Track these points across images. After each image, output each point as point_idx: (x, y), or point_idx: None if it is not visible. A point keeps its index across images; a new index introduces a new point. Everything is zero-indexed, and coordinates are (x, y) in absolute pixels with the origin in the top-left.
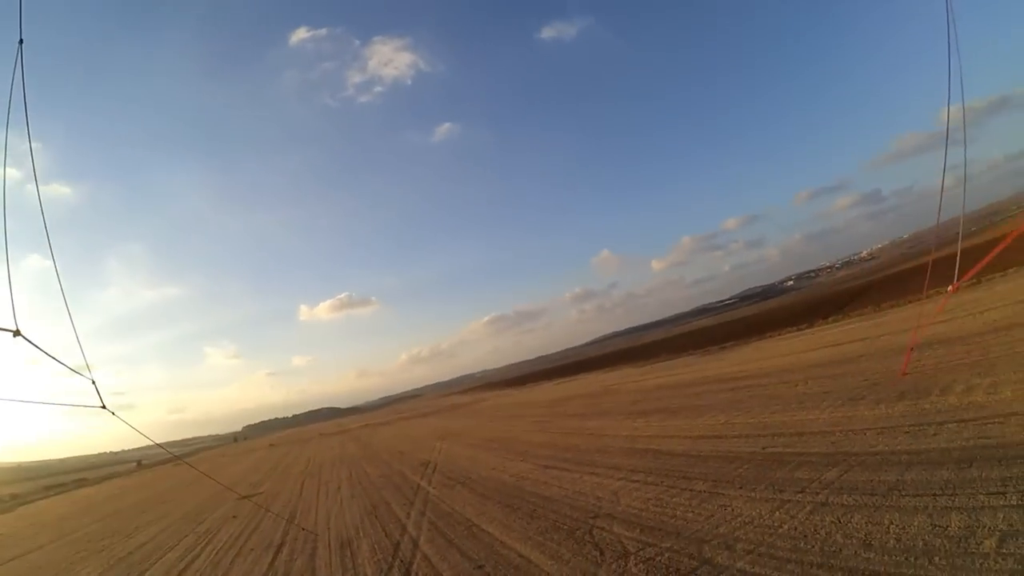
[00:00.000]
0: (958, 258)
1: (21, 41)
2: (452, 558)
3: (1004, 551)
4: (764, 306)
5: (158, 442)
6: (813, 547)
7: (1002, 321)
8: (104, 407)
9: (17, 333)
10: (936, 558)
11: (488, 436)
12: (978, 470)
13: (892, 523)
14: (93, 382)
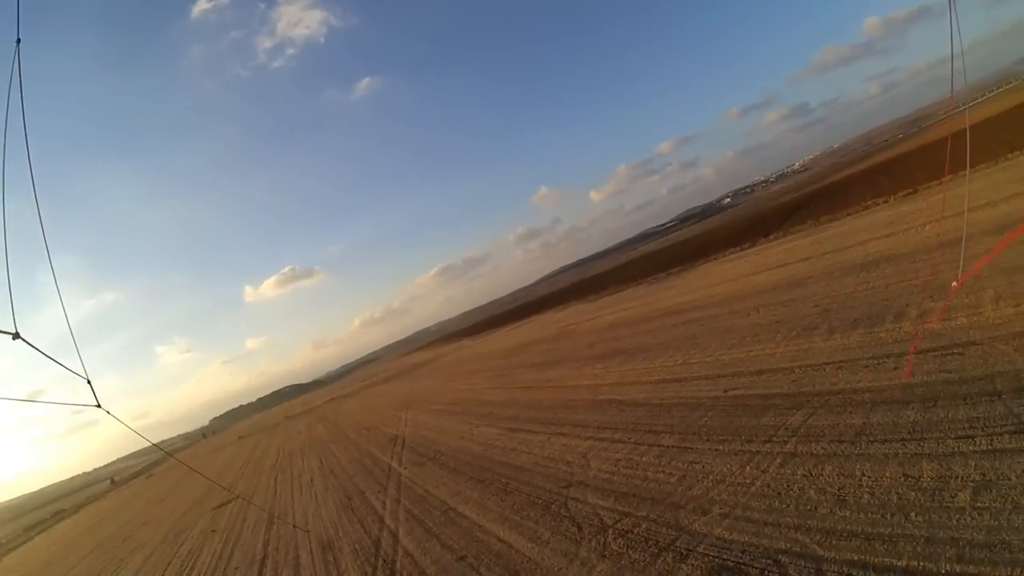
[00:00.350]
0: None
1: (19, 41)
2: (433, 551)
3: (979, 504)
4: (705, 226)
5: (154, 443)
6: (788, 506)
7: (947, 235)
8: (99, 405)
9: (16, 336)
10: (912, 514)
11: (450, 399)
12: (943, 410)
13: (864, 474)
14: (88, 382)
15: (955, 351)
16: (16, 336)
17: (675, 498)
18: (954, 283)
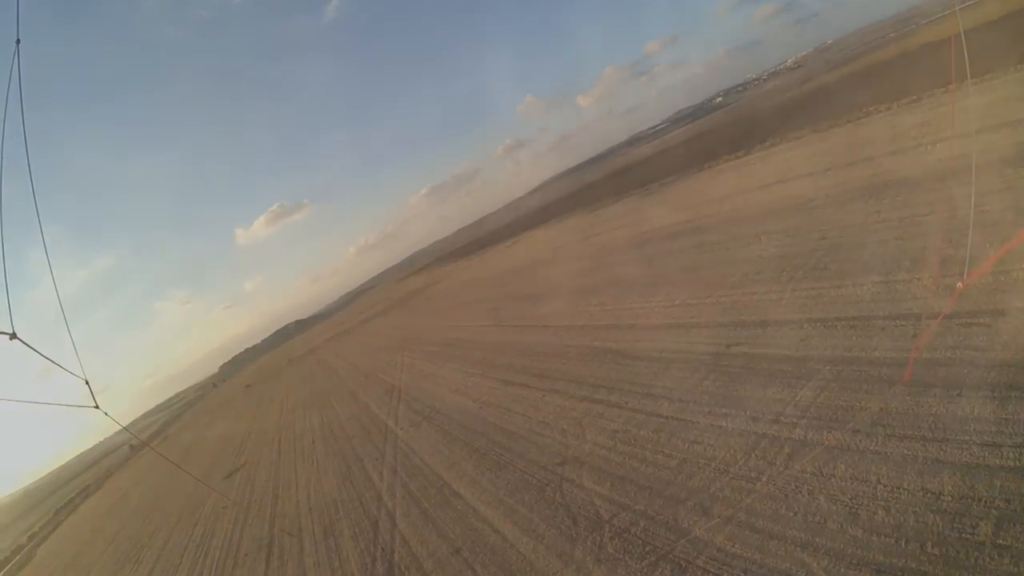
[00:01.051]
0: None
1: (18, 41)
2: (430, 540)
3: (1000, 541)
4: (697, 127)
5: (142, 439)
6: (795, 515)
7: (960, 160)
8: (97, 407)
9: (14, 336)
10: (928, 545)
11: (445, 338)
12: (968, 403)
13: (880, 481)
14: (87, 383)
15: (982, 321)
16: (13, 336)
17: (675, 489)
18: (959, 283)
